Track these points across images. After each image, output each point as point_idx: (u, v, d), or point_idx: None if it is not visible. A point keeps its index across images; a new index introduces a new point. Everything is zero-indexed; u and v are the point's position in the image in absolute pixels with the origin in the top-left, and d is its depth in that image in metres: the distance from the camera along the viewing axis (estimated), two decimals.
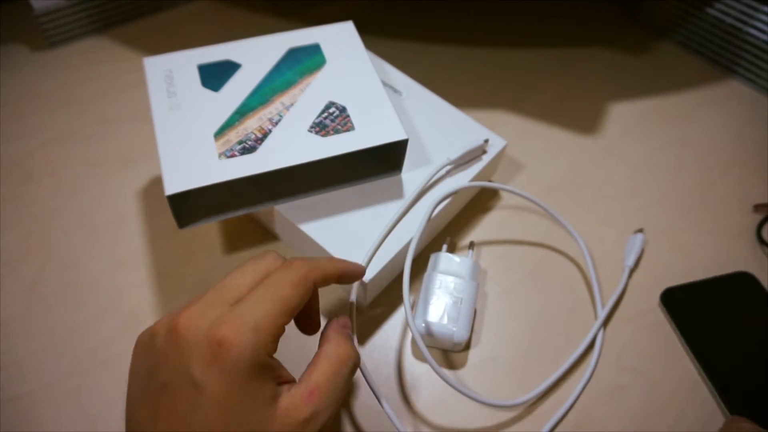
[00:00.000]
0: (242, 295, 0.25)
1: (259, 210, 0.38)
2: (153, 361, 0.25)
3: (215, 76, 0.40)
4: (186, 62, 0.40)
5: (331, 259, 0.29)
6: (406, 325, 0.40)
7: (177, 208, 0.35)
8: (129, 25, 0.59)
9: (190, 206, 0.37)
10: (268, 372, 0.24)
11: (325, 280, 0.28)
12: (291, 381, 0.26)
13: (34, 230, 0.43)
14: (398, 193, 0.40)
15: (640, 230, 0.44)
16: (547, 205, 0.43)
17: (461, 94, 0.54)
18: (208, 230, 0.44)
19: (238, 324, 0.23)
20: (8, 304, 0.40)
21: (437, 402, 0.37)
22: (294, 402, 0.24)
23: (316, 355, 0.27)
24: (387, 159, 0.40)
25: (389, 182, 0.41)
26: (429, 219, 0.38)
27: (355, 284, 0.37)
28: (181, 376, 0.23)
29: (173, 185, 0.34)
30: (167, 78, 0.39)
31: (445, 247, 0.42)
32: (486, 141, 0.41)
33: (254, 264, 0.27)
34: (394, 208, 0.40)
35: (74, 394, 0.36)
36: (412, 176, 0.41)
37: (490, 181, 0.46)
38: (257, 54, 0.41)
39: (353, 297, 0.34)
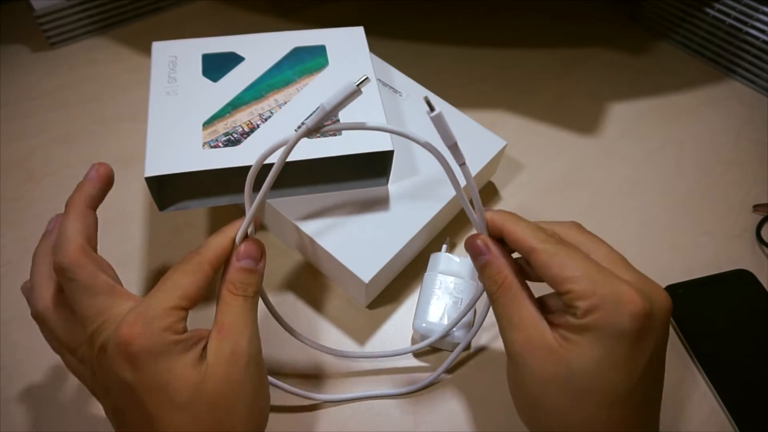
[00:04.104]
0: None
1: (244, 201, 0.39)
2: (102, 397, 0.28)
3: (217, 66, 0.40)
4: (192, 50, 0.41)
5: (216, 235, 0.29)
6: (407, 325, 0.40)
7: (156, 190, 0.36)
8: (129, 25, 0.59)
9: (171, 190, 0.37)
10: (179, 346, 0.25)
11: (221, 259, 0.29)
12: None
13: (34, 230, 0.43)
14: (384, 190, 0.40)
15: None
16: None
17: (461, 94, 0.54)
18: (209, 229, 0.44)
19: (131, 320, 0.25)
20: (8, 304, 0.40)
21: (438, 402, 0.37)
22: (212, 346, 0.26)
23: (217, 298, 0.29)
24: (374, 168, 0.40)
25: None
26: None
27: (354, 283, 0.37)
28: (120, 389, 0.25)
29: (153, 168, 0.34)
30: (171, 63, 0.40)
31: (444, 247, 0.42)
32: (364, 79, 0.26)
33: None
34: (380, 204, 0.40)
35: (74, 394, 0.36)
36: (413, 176, 0.41)
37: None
38: (263, 49, 0.41)
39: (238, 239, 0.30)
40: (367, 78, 0.25)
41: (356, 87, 0.25)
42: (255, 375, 0.27)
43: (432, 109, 0.25)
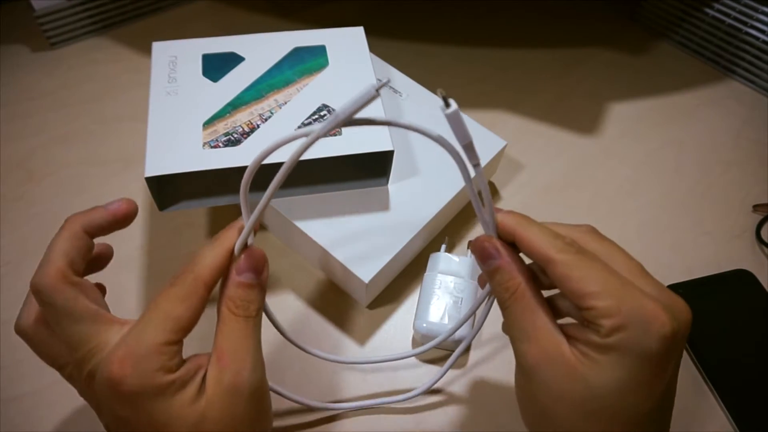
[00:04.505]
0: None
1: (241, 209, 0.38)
2: (97, 412, 0.27)
3: (217, 66, 0.40)
4: (192, 50, 0.41)
5: (211, 247, 0.26)
6: (407, 325, 0.40)
7: (157, 190, 0.36)
8: (129, 25, 0.59)
9: (171, 190, 0.37)
10: (173, 386, 0.24)
11: (218, 276, 0.26)
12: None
13: (34, 230, 0.43)
14: (384, 190, 0.40)
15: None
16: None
17: (461, 94, 0.54)
18: (209, 229, 0.44)
19: (120, 356, 0.23)
20: (8, 304, 0.40)
21: (440, 404, 0.37)
22: (211, 376, 0.24)
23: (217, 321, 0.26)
24: (374, 168, 0.40)
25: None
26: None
27: (354, 283, 0.37)
28: (116, 419, 0.24)
29: (153, 168, 0.34)
30: (171, 63, 0.40)
31: (443, 247, 0.42)
32: (383, 82, 0.23)
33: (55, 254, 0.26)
34: (377, 198, 0.40)
35: (74, 395, 0.36)
36: (413, 176, 0.41)
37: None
38: (263, 49, 0.41)
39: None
40: (387, 80, 0.23)
41: (376, 91, 0.22)
42: (257, 405, 0.25)
43: (448, 105, 0.22)
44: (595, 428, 0.24)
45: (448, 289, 0.38)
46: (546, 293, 0.27)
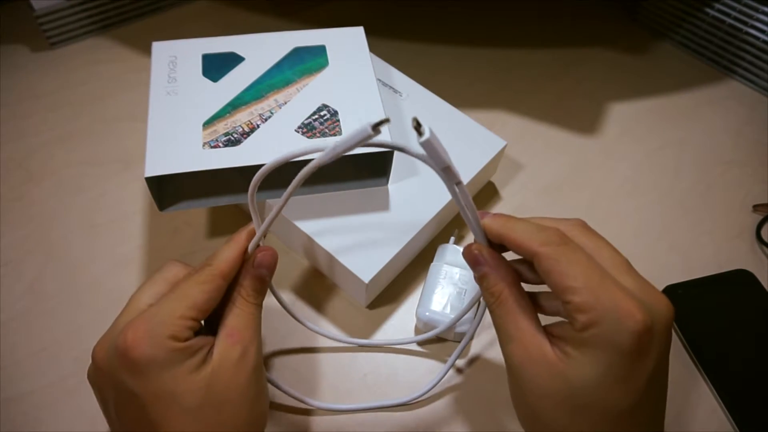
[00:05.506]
0: (149, 306, 0.28)
1: (245, 202, 0.39)
2: (100, 396, 0.28)
3: (217, 66, 0.40)
4: (192, 50, 0.41)
5: (227, 246, 0.29)
6: (407, 325, 0.40)
7: (157, 190, 0.36)
8: (129, 25, 0.59)
9: (171, 190, 0.37)
10: (182, 353, 0.25)
11: (233, 269, 0.29)
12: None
13: (34, 230, 0.43)
14: (384, 190, 0.40)
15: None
16: None
17: (461, 94, 0.54)
18: (209, 230, 0.44)
19: (136, 325, 0.25)
20: (8, 304, 0.40)
21: (440, 401, 0.37)
22: (221, 350, 0.27)
23: (225, 302, 0.29)
24: (374, 168, 0.40)
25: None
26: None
27: (354, 283, 0.37)
28: (122, 394, 0.26)
29: (153, 168, 0.34)
30: (171, 63, 0.40)
31: (452, 239, 0.42)
32: (381, 121, 0.24)
33: (160, 275, 0.29)
34: (378, 197, 0.40)
35: (74, 394, 0.36)
36: (413, 176, 0.41)
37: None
38: (262, 49, 0.41)
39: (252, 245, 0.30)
40: (387, 119, 0.23)
41: (372, 130, 0.23)
42: (258, 380, 0.28)
43: (420, 134, 0.22)
44: (579, 424, 0.24)
45: (452, 279, 0.38)
46: (536, 291, 0.28)
